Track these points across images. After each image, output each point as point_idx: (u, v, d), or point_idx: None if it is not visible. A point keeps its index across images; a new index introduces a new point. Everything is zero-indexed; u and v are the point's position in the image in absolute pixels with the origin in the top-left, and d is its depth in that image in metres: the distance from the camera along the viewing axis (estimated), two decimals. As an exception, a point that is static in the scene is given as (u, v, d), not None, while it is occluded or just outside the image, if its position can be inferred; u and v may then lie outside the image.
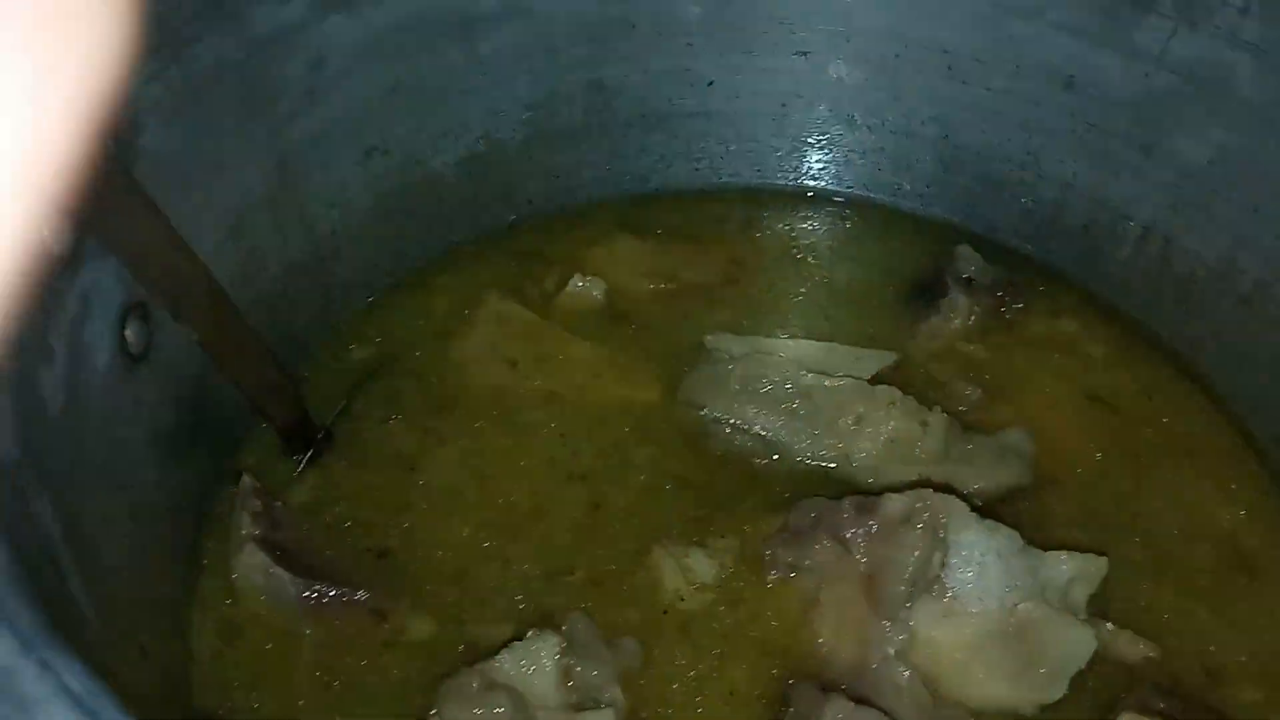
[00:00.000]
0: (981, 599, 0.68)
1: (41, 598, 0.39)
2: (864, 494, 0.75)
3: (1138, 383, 0.90)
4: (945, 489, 0.72)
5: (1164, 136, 0.86)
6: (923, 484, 0.73)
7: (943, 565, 0.68)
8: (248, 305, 0.78)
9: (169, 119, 0.66)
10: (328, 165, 0.83)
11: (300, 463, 0.81)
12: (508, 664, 0.66)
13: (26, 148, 0.19)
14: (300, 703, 0.69)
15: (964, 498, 0.73)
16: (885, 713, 0.65)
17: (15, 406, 0.50)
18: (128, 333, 0.64)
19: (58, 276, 0.57)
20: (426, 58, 0.85)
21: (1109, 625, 0.72)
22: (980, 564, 0.68)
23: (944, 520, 0.68)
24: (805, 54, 0.97)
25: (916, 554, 0.67)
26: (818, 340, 0.91)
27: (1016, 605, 0.68)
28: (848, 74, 0.98)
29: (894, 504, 0.69)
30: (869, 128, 1.01)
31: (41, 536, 0.48)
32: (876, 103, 0.99)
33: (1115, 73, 0.86)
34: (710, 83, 0.98)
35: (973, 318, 0.93)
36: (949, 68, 0.94)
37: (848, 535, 0.71)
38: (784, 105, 1.01)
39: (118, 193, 0.58)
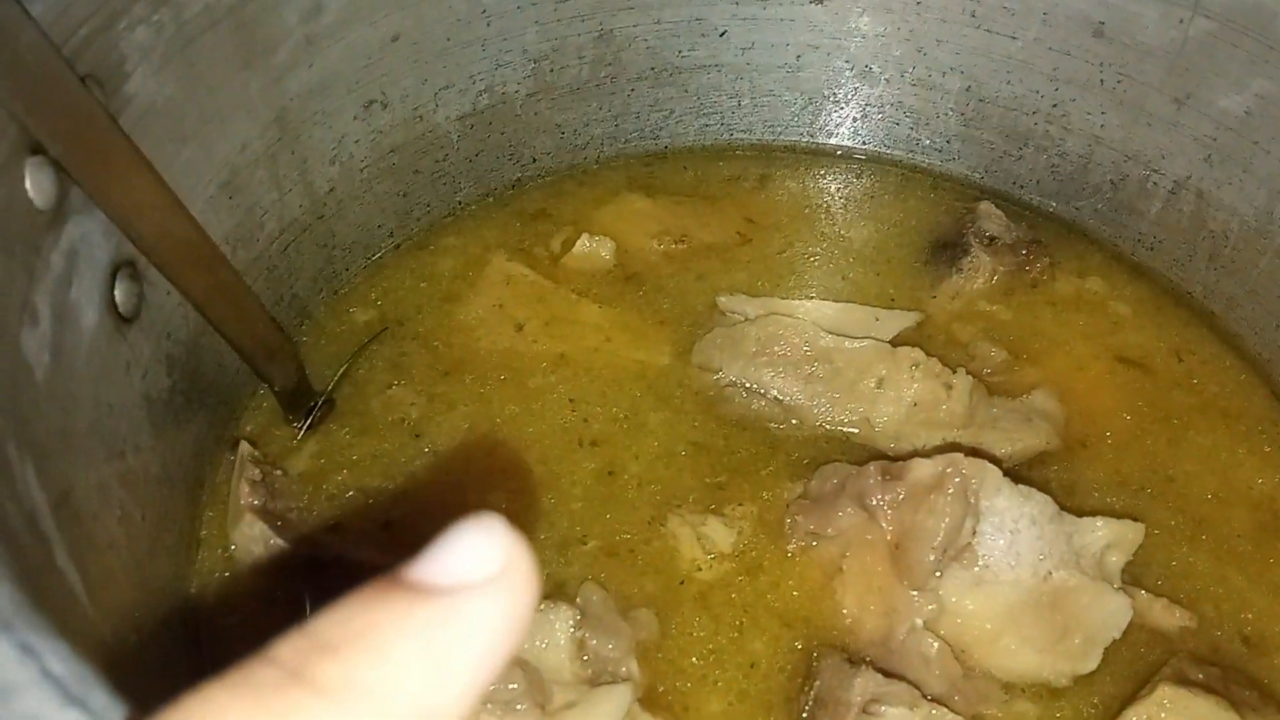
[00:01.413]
0: (1014, 567, 0.66)
1: (25, 575, 0.36)
2: (888, 459, 0.72)
3: (1168, 343, 0.87)
4: (974, 453, 0.69)
5: (1200, 87, 0.83)
6: (951, 448, 0.70)
7: (974, 532, 0.65)
8: (245, 265, 0.75)
9: (159, 66, 0.63)
10: (327, 119, 0.80)
11: (300, 430, 0.78)
12: (520, 637, 0.64)
13: None
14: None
15: (992, 462, 0.70)
16: (914, 685, 0.63)
17: (-3, 369, 0.47)
18: (117, 292, 0.61)
19: (41, 231, 0.53)
20: (429, 6, 0.82)
21: (1144, 593, 0.70)
22: (1013, 531, 0.66)
23: (975, 485, 0.65)
24: (822, 2, 0.93)
25: (947, 521, 0.64)
26: (835, 301, 0.88)
27: (1050, 573, 0.66)
28: (867, 23, 0.94)
29: (922, 469, 0.66)
30: (888, 80, 0.97)
31: (26, 509, 0.45)
32: (896, 54, 0.95)
33: (1149, 20, 0.83)
34: (723, 33, 0.95)
35: (996, 277, 0.90)
36: (974, 15, 0.90)
37: (873, 502, 0.68)
38: (799, 57, 0.97)
39: (103, 142, 0.55)
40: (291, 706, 0.24)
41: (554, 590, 0.70)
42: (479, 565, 0.27)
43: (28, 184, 0.52)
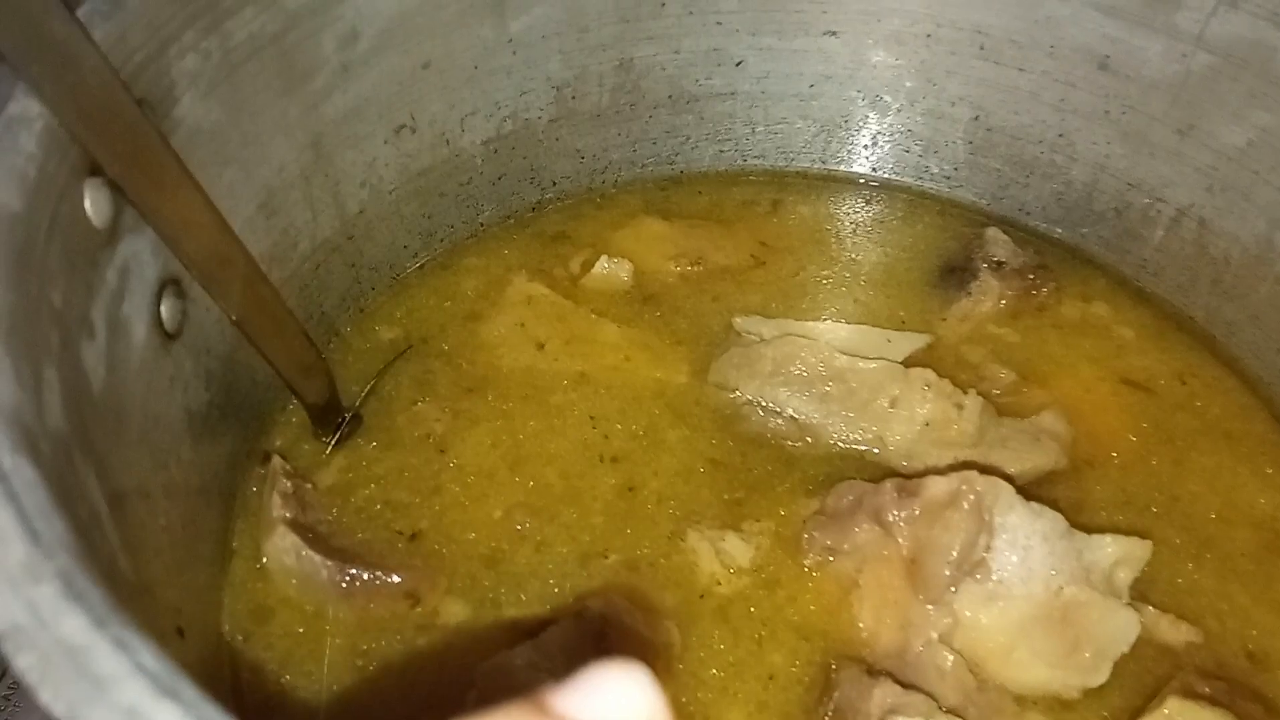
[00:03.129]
0: (1026, 582, 0.67)
1: (101, 574, 0.38)
2: (901, 477, 0.74)
3: (1172, 367, 0.89)
4: (987, 471, 0.71)
5: (1202, 118, 0.85)
6: (964, 466, 0.72)
7: (987, 548, 0.67)
8: (279, 284, 0.77)
9: (206, 92, 0.65)
10: (359, 143, 0.82)
11: (329, 444, 0.80)
12: (547, 646, 0.65)
13: None
14: (333, 685, 0.69)
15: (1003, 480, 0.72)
16: (930, 697, 0.64)
17: (61, 379, 0.49)
18: (163, 309, 0.63)
19: (97, 249, 0.56)
20: (458, 35, 0.84)
21: (1151, 609, 0.72)
22: (1025, 547, 0.67)
23: (989, 502, 0.67)
24: (836, 34, 0.96)
25: (962, 536, 0.66)
26: (848, 323, 0.91)
27: (1061, 589, 0.68)
28: (879, 55, 0.97)
29: (938, 486, 0.69)
30: (898, 109, 1.00)
31: (92, 512, 0.47)
32: (908, 85, 0.98)
33: (1153, 54, 0.86)
34: (739, 63, 0.97)
35: (1003, 301, 0.92)
36: (982, 48, 0.93)
37: (889, 517, 0.70)
38: (812, 86, 1.00)
39: (156, 162, 0.58)
40: None
41: (576, 602, 0.71)
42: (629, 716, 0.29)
43: (87, 203, 0.55)
